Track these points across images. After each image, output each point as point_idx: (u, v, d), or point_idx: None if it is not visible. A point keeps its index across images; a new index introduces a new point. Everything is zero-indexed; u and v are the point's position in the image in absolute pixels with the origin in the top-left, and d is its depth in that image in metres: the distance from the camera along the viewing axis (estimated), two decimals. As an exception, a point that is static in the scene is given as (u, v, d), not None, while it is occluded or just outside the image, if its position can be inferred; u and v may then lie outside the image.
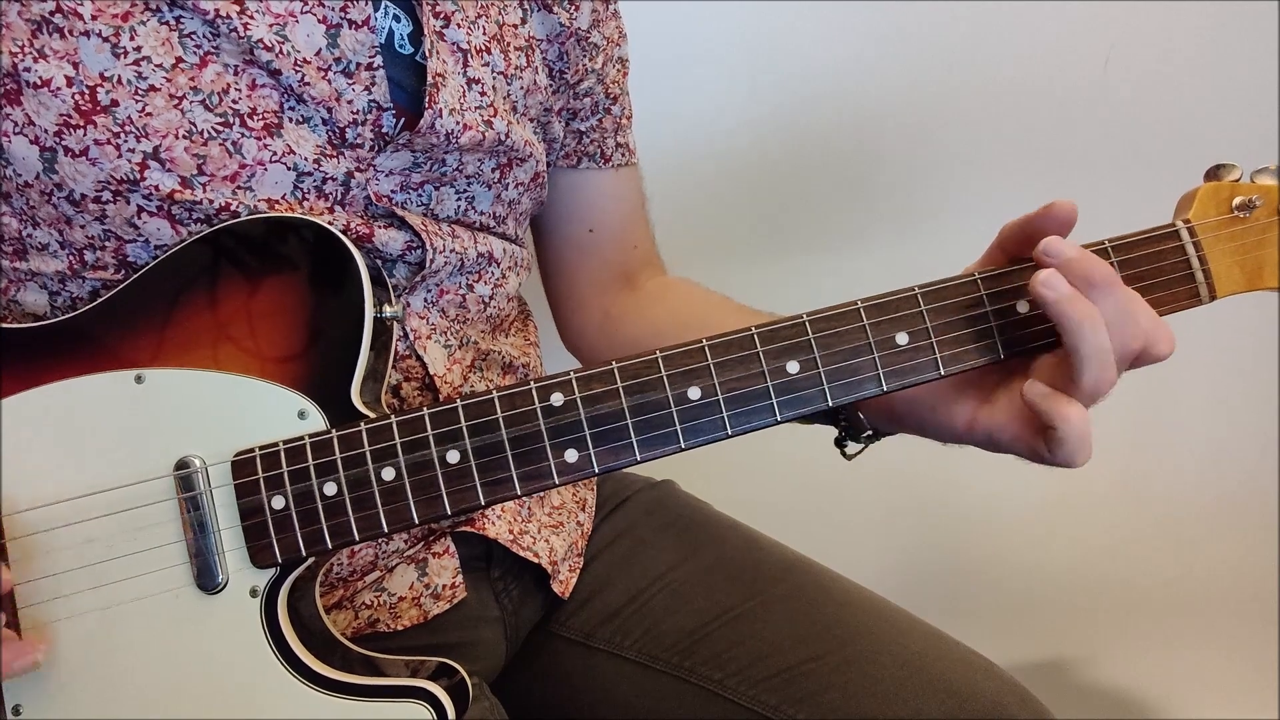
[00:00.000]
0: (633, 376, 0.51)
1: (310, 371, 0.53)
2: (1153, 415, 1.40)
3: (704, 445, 0.52)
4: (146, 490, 0.51)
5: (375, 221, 0.59)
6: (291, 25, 0.54)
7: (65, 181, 0.53)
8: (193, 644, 0.51)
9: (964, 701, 0.61)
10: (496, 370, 0.70)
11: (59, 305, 0.57)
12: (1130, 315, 0.50)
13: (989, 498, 1.34)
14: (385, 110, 0.57)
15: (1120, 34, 1.27)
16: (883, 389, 0.51)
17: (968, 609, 1.24)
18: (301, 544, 0.51)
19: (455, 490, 0.51)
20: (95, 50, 0.51)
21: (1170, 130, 1.28)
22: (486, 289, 0.67)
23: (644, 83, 0.81)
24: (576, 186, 0.77)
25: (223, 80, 0.54)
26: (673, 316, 0.76)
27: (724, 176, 1.27)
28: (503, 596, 0.70)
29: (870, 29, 1.24)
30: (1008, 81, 1.27)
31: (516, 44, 0.66)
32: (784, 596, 0.70)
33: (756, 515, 0.80)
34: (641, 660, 0.70)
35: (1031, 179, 1.29)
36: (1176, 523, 1.37)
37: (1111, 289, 0.49)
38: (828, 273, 1.30)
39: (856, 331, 0.51)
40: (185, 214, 0.54)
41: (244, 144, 0.54)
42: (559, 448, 0.51)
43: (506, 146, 0.64)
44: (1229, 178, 0.55)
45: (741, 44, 1.24)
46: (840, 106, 1.26)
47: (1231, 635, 1.25)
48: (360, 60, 0.56)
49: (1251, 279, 0.54)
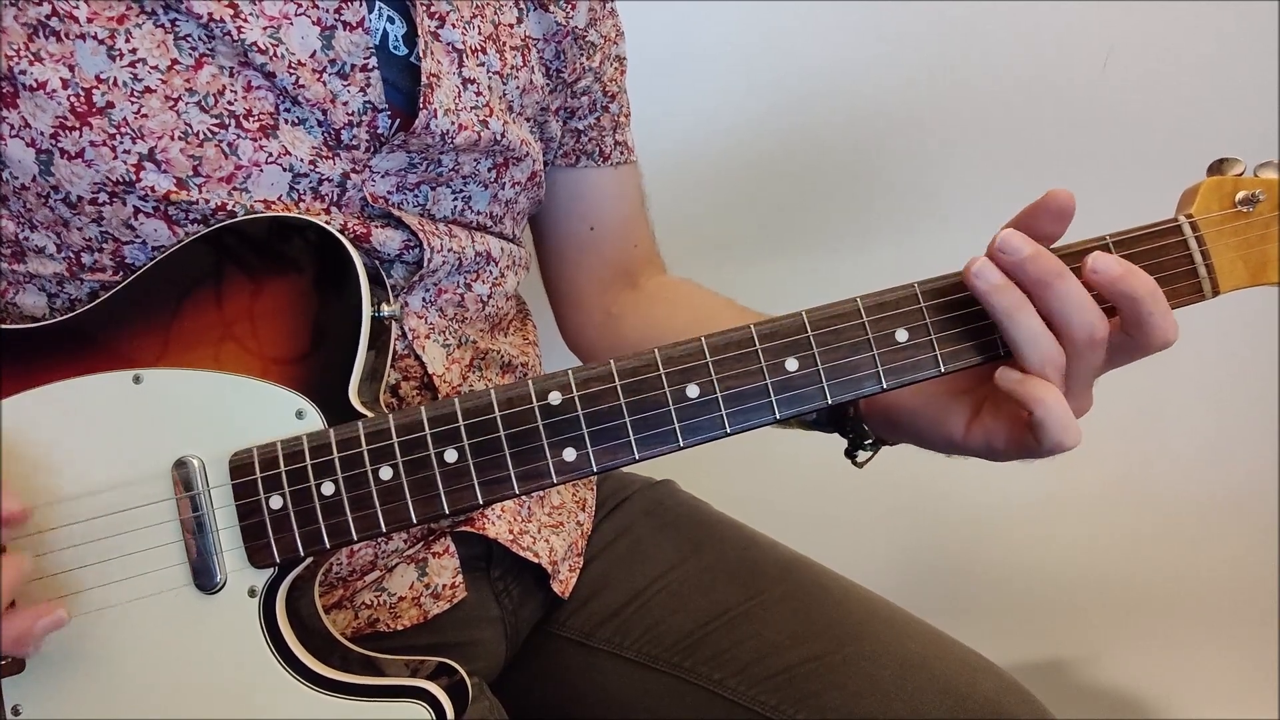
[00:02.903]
0: (631, 375, 0.51)
1: (308, 371, 0.52)
2: (1152, 414, 1.40)
3: (703, 444, 0.51)
4: (145, 490, 0.51)
5: (372, 222, 0.59)
6: (286, 28, 0.54)
7: (62, 184, 0.53)
8: (191, 644, 0.51)
9: (964, 701, 0.61)
10: (495, 369, 0.70)
11: (57, 307, 0.57)
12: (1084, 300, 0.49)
13: (988, 497, 1.33)
14: (380, 111, 0.57)
15: (1120, 34, 1.26)
16: (882, 386, 0.51)
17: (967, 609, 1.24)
18: (299, 544, 0.51)
19: (453, 490, 0.51)
20: (91, 53, 0.51)
21: (1170, 130, 1.28)
22: (485, 288, 0.67)
23: (642, 82, 0.81)
24: (576, 185, 0.77)
25: (218, 82, 0.54)
26: (674, 316, 0.76)
27: (722, 176, 1.27)
28: (503, 596, 0.69)
29: (870, 28, 1.24)
30: (1008, 81, 1.27)
31: (512, 43, 0.66)
32: (784, 596, 0.70)
33: (756, 515, 0.80)
34: (641, 660, 0.70)
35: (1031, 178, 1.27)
36: (1176, 523, 1.37)
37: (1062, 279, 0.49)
38: (826, 271, 1.30)
39: (856, 329, 0.51)
40: (182, 215, 0.54)
41: (240, 145, 0.54)
42: (557, 447, 0.51)
43: (502, 146, 0.64)
44: (1232, 172, 0.54)
45: (740, 43, 1.24)
46: (840, 105, 1.26)
47: (1231, 635, 1.24)
48: (355, 62, 0.56)
49: (1255, 274, 0.54)
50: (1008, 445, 0.53)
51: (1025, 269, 0.49)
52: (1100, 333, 0.49)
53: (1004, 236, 0.49)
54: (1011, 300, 0.49)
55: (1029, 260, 0.49)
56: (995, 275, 0.49)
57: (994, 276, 0.49)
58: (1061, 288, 0.49)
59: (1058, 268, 0.49)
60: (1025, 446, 0.52)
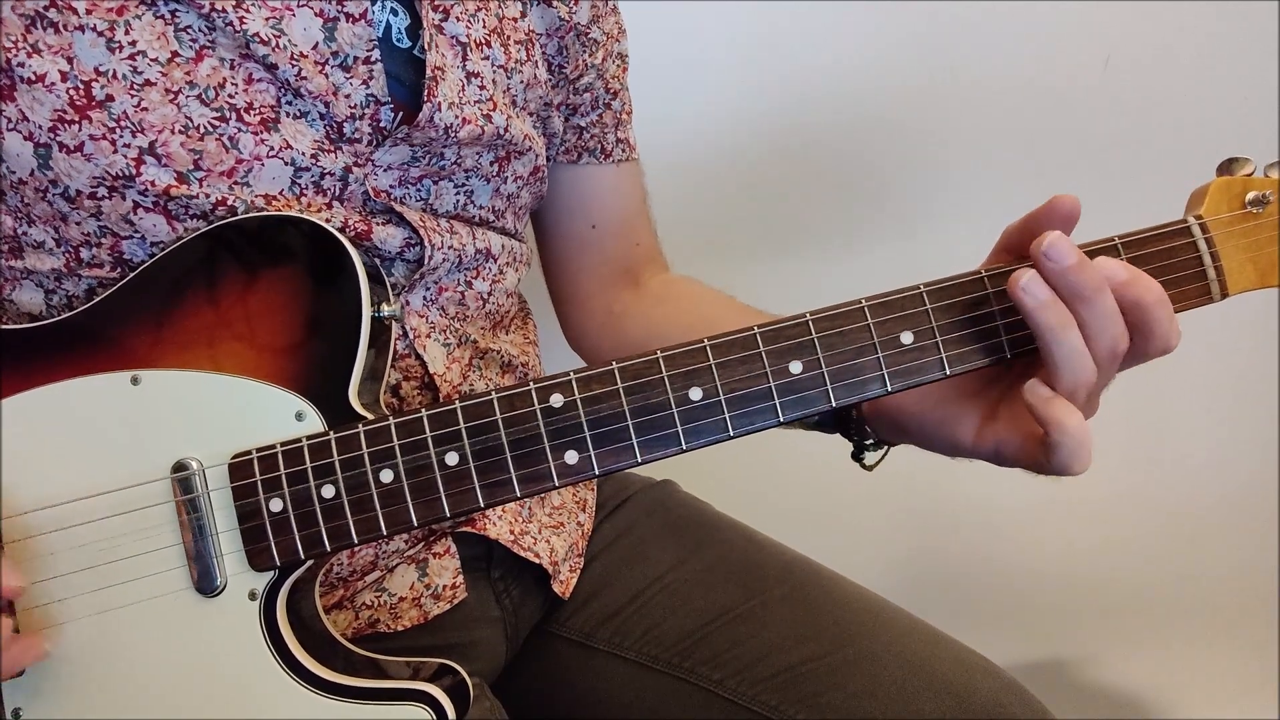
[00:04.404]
0: (633, 377, 0.51)
1: (308, 372, 0.52)
2: (1153, 416, 1.40)
3: (705, 446, 0.51)
4: (144, 493, 0.51)
5: (373, 218, 0.59)
6: (288, 19, 0.54)
7: (60, 178, 0.52)
8: (192, 647, 0.51)
9: (964, 701, 0.61)
10: (496, 369, 0.70)
11: (54, 304, 0.56)
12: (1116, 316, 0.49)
13: (989, 498, 1.33)
14: (383, 104, 0.57)
15: (1120, 34, 1.26)
16: (887, 389, 0.51)
17: (968, 609, 1.24)
18: (300, 546, 0.50)
19: (454, 492, 0.50)
20: (90, 45, 0.51)
21: (1170, 131, 1.28)
22: (485, 285, 0.66)
23: (645, 80, 0.81)
24: (578, 182, 0.76)
25: (219, 75, 0.53)
26: (676, 315, 0.76)
27: (725, 174, 1.27)
28: (503, 597, 0.69)
29: (872, 28, 1.24)
30: (1009, 82, 1.27)
31: (516, 38, 0.65)
32: (784, 597, 0.69)
33: (756, 515, 0.80)
34: (642, 660, 0.70)
35: (1033, 178, 1.28)
36: (1176, 523, 1.37)
37: (1102, 295, 0.48)
38: (830, 272, 1.29)
39: (860, 331, 0.51)
40: (181, 210, 0.54)
41: (241, 139, 0.54)
42: (559, 449, 0.50)
43: (505, 140, 0.63)
44: (1241, 172, 0.54)
45: (743, 42, 1.23)
46: (842, 106, 1.26)
47: (1231, 635, 1.25)
48: (358, 54, 0.56)
49: (1264, 275, 0.53)
50: (1017, 455, 0.53)
51: (1067, 278, 0.48)
52: (1122, 347, 0.49)
53: (1052, 241, 0.48)
54: (1058, 318, 0.48)
55: (1072, 270, 0.48)
56: (1044, 291, 0.48)
57: (1042, 293, 0.48)
58: (1100, 303, 0.48)
59: (1098, 281, 0.48)
60: (1034, 461, 0.52)
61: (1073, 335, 0.48)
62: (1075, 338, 0.48)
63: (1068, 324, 0.48)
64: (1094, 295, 0.48)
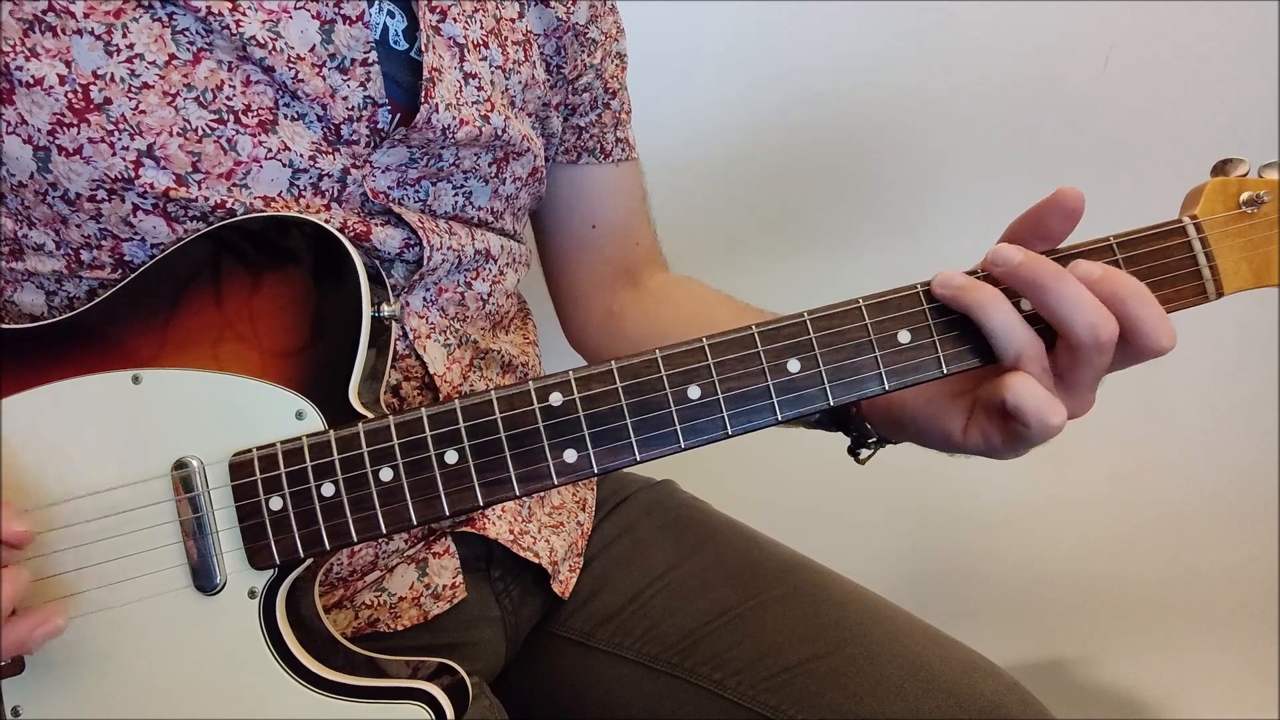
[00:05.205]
0: (632, 376, 0.51)
1: (308, 372, 0.52)
2: (1152, 415, 1.40)
3: (704, 445, 0.51)
4: (145, 491, 0.51)
5: (372, 219, 0.59)
6: (285, 21, 0.54)
7: (60, 181, 0.52)
8: (191, 645, 0.51)
9: (964, 701, 0.61)
10: (496, 369, 0.70)
11: (56, 305, 0.56)
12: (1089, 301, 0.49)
13: (989, 498, 1.33)
14: (381, 106, 0.57)
15: (1120, 34, 1.26)
16: (885, 388, 0.51)
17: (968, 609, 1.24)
18: (299, 545, 0.51)
19: (453, 491, 0.51)
20: (88, 48, 0.51)
21: (1170, 131, 1.28)
22: (485, 286, 0.67)
23: (644, 80, 0.81)
24: (577, 182, 0.76)
25: (216, 77, 0.53)
26: (676, 315, 0.76)
27: (725, 174, 1.27)
28: (503, 596, 0.69)
29: (871, 28, 1.24)
30: (1008, 80, 1.27)
31: (514, 38, 0.65)
32: (784, 597, 0.70)
33: (756, 515, 0.80)
34: (641, 660, 0.70)
35: (1033, 178, 1.28)
36: (1176, 523, 1.37)
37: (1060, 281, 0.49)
38: (828, 271, 1.30)
39: (858, 330, 0.51)
40: (181, 212, 0.54)
41: (239, 141, 0.54)
42: (558, 448, 0.51)
43: (503, 141, 0.63)
44: (1236, 172, 0.54)
45: (741, 41, 1.23)
46: (841, 105, 1.26)
47: (1231, 635, 1.25)
48: (355, 56, 0.56)
49: (1259, 275, 0.53)
50: (1004, 440, 0.53)
51: (1019, 274, 0.49)
52: (1106, 333, 0.49)
53: (994, 250, 0.50)
54: (978, 297, 0.50)
55: (1021, 266, 0.49)
56: (958, 278, 0.50)
57: (956, 280, 0.50)
58: (1057, 288, 0.48)
59: (1052, 269, 0.49)
60: (1020, 437, 0.52)
61: (997, 311, 0.49)
62: (1001, 312, 0.49)
63: (989, 301, 0.49)
64: (1051, 282, 0.49)
